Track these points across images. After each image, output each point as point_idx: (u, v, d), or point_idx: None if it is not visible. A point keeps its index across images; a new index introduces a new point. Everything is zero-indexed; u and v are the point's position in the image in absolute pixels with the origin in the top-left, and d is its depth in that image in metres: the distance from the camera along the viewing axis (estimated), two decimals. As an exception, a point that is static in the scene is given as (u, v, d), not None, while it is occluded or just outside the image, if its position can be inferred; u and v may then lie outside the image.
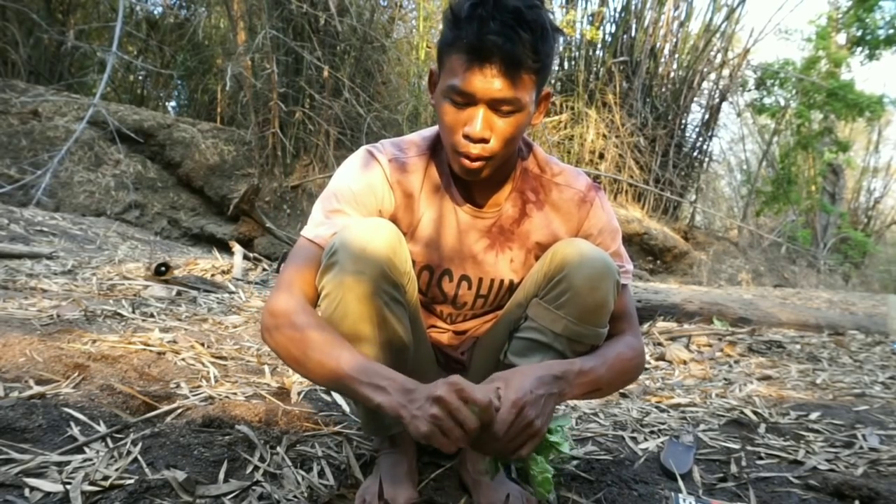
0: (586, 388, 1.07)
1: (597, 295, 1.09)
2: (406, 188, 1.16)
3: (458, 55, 1.00)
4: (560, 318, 1.11)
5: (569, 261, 1.11)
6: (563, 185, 1.19)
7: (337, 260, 1.02)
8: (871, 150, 14.54)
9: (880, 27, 11.20)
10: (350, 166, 1.17)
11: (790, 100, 11.72)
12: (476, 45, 0.97)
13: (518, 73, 0.99)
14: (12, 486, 1.03)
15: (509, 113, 1.02)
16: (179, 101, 11.61)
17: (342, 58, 7.69)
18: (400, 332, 1.08)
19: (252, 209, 5.83)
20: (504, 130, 1.03)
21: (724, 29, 9.55)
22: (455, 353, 1.31)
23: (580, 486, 1.27)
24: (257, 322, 2.66)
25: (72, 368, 1.61)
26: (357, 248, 1.02)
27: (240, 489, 1.10)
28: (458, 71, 1.00)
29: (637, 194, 9.15)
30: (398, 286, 1.07)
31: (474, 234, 1.19)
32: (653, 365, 2.83)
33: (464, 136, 1.03)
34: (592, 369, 1.07)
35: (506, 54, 0.97)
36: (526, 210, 1.19)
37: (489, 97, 1.00)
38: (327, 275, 1.04)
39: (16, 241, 3.96)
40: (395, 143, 1.20)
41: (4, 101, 7.23)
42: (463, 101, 1.02)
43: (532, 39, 0.98)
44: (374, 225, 1.06)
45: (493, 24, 0.95)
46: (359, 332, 1.05)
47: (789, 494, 1.32)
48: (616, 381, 1.15)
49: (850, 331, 3.80)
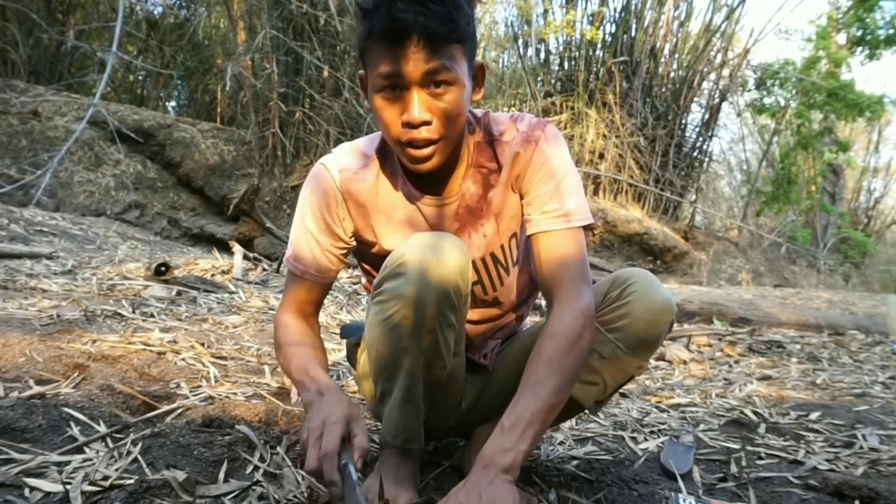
0: (544, 427, 1.01)
1: (654, 330, 1.10)
2: (357, 198, 1.15)
3: (376, 45, 0.98)
4: (609, 342, 1.12)
5: (634, 289, 1.11)
6: (510, 141, 1.14)
7: (404, 272, 1.00)
8: (871, 150, 14.57)
9: (880, 27, 11.21)
10: (309, 185, 1.18)
11: (790, 100, 11.73)
12: (389, 27, 0.95)
13: (438, 44, 0.96)
14: (12, 486, 1.03)
15: (443, 87, 0.99)
16: (179, 101, 11.63)
17: (342, 58, 7.69)
18: (444, 355, 1.07)
19: (252, 209, 5.83)
20: (443, 108, 1.00)
21: (724, 29, 9.56)
22: (476, 356, 1.29)
23: (580, 486, 1.27)
24: (257, 322, 2.66)
25: (72, 368, 1.61)
26: (426, 267, 1.00)
27: (240, 489, 1.10)
28: (379, 60, 0.98)
29: (637, 194, 9.15)
30: (456, 309, 1.05)
31: (444, 223, 1.17)
32: (653, 365, 2.83)
33: (404, 125, 1.01)
34: (541, 411, 0.99)
35: (421, 28, 0.94)
36: (489, 181, 1.16)
37: (417, 75, 0.97)
38: (390, 282, 1.02)
39: (16, 241, 3.97)
40: (348, 151, 1.18)
41: (4, 101, 7.23)
42: (393, 87, 0.99)
43: (443, 10, 0.95)
44: (446, 243, 1.03)
45: (400, 4, 0.94)
46: (404, 348, 1.04)
47: (789, 494, 1.32)
48: (573, 378, 1.05)
49: (850, 331, 3.81)
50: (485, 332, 1.28)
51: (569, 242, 1.11)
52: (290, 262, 1.19)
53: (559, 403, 1.02)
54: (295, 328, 1.18)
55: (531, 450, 0.99)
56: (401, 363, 1.05)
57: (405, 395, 1.08)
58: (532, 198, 1.13)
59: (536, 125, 1.14)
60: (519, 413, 0.99)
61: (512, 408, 1.00)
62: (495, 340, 1.31)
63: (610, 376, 1.15)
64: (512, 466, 0.96)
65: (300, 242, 1.17)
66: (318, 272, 1.17)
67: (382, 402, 1.14)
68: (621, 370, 1.15)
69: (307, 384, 1.05)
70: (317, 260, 1.17)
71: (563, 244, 1.11)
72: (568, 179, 1.13)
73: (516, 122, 1.15)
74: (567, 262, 1.09)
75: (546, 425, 1.02)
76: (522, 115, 1.17)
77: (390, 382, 1.09)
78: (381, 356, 1.07)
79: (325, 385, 1.03)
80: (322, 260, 1.17)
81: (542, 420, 1.00)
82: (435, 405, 1.19)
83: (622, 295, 1.12)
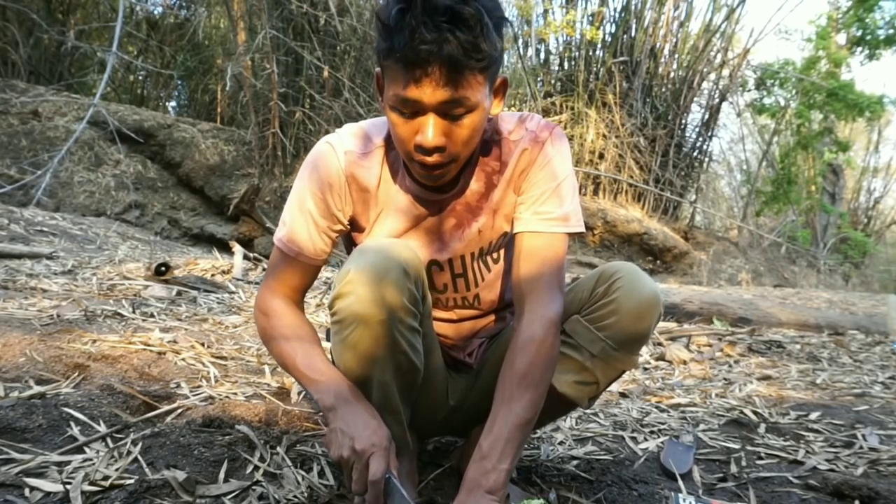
0: (522, 441, 1.03)
1: (642, 325, 1.10)
2: (361, 183, 1.13)
3: (395, 65, 0.94)
4: (599, 341, 1.12)
5: (620, 285, 1.10)
6: (517, 140, 1.13)
7: (352, 290, 0.99)
8: (871, 150, 14.56)
9: (880, 27, 11.22)
10: (310, 164, 1.14)
11: (790, 100, 11.73)
12: (411, 56, 0.90)
13: (461, 75, 0.92)
14: (12, 485, 1.03)
15: (461, 116, 0.97)
16: (179, 101, 11.63)
17: (342, 58, 7.69)
18: (412, 358, 1.07)
19: (252, 209, 5.84)
20: (460, 134, 0.98)
21: (723, 29, 9.56)
22: (461, 355, 1.29)
23: (580, 485, 1.28)
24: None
25: (72, 368, 1.61)
26: (372, 280, 0.98)
27: (240, 489, 1.10)
28: (398, 81, 0.94)
29: (637, 194, 9.15)
30: (414, 314, 1.04)
31: (438, 217, 1.16)
32: (653, 365, 2.83)
33: (416, 146, 0.98)
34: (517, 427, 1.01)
35: (444, 59, 0.90)
36: (493, 181, 1.15)
37: (435, 104, 0.94)
38: (341, 301, 1.00)
39: (16, 241, 3.97)
40: (354, 133, 1.14)
41: (5, 101, 7.23)
42: (410, 112, 0.97)
43: (470, 38, 0.90)
44: (390, 250, 1.02)
45: (424, 31, 0.88)
46: (369, 361, 1.03)
47: (789, 494, 1.32)
48: (545, 390, 1.06)
49: (850, 331, 3.81)
50: (468, 332, 1.28)
51: (553, 247, 1.11)
52: (283, 243, 1.14)
53: (534, 416, 1.04)
54: (290, 318, 1.13)
55: (513, 467, 1.01)
56: (371, 376, 1.05)
57: (382, 405, 1.07)
58: (527, 196, 1.13)
59: (545, 126, 1.14)
60: (496, 433, 1.00)
61: (489, 428, 1.02)
62: (480, 339, 1.30)
63: (602, 374, 1.15)
64: (496, 487, 0.97)
65: (297, 223, 1.13)
66: (313, 255, 1.14)
67: None
68: (613, 367, 1.15)
69: (323, 384, 1.04)
70: (313, 242, 1.13)
71: (547, 247, 1.11)
72: (567, 184, 1.13)
73: (524, 121, 1.15)
74: (546, 267, 1.09)
75: (524, 439, 1.03)
76: (532, 116, 1.16)
77: (366, 395, 1.08)
78: (351, 371, 1.05)
79: (345, 389, 1.03)
80: (318, 242, 1.14)
81: (520, 436, 1.01)
82: (419, 406, 1.19)
83: (609, 291, 1.12)
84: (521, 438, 1.01)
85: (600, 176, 8.88)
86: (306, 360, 1.08)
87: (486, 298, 1.24)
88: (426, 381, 1.16)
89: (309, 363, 1.07)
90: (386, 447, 0.97)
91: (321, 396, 1.03)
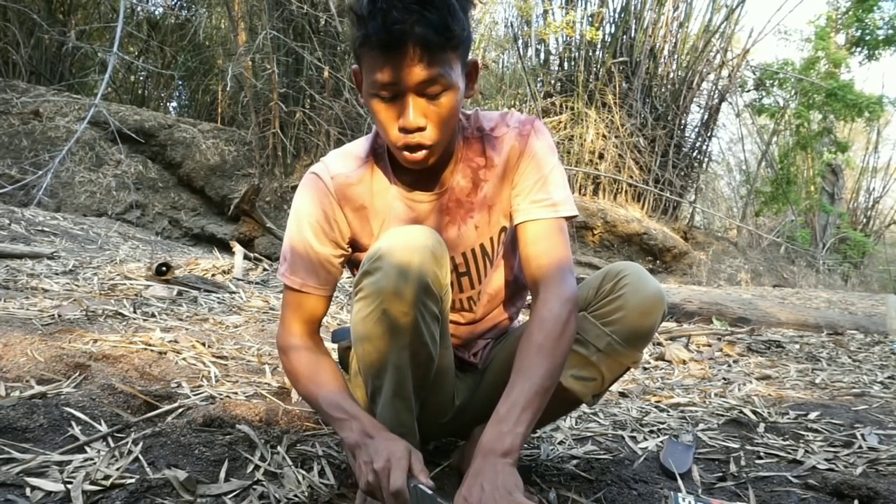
0: (538, 411, 1.03)
1: (647, 321, 1.13)
2: (355, 202, 1.16)
3: (371, 52, 0.98)
4: (605, 336, 1.14)
5: (627, 282, 1.13)
6: (502, 136, 1.18)
7: (380, 266, 1.01)
8: (871, 150, 14.52)
9: (880, 27, 11.22)
10: (302, 195, 1.17)
11: (789, 100, 11.73)
12: (385, 38, 0.95)
13: (434, 53, 0.97)
14: (13, 485, 1.03)
15: (438, 94, 1.01)
16: (180, 101, 11.64)
17: (342, 58, 7.70)
18: (430, 346, 1.08)
19: (253, 209, 5.84)
20: (438, 113, 1.02)
21: (723, 29, 9.56)
22: (466, 355, 1.30)
23: (580, 485, 1.28)
24: (258, 322, 2.66)
25: (73, 368, 1.62)
26: (401, 259, 1.01)
27: (240, 488, 1.11)
28: (375, 67, 0.99)
29: (637, 194, 9.16)
30: (438, 299, 1.06)
31: (434, 217, 1.18)
32: (652, 365, 2.83)
33: (399, 129, 1.02)
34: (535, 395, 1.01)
35: (417, 39, 0.95)
36: (479, 176, 1.18)
37: (412, 84, 0.98)
38: (368, 278, 1.03)
39: (17, 241, 3.97)
40: (338, 157, 1.19)
41: (6, 101, 7.24)
42: (389, 95, 1.01)
43: (439, 18, 0.95)
44: (420, 235, 1.05)
45: (395, 14, 0.93)
46: (389, 342, 1.05)
47: (788, 494, 1.32)
48: (562, 363, 1.07)
49: (850, 330, 3.81)
50: (472, 333, 1.30)
51: (555, 232, 1.15)
52: (286, 278, 1.16)
53: (550, 387, 1.05)
54: (307, 354, 1.16)
55: (528, 433, 1.01)
56: (387, 358, 1.06)
57: (395, 390, 1.08)
58: (521, 188, 1.17)
59: (526, 120, 1.20)
60: (514, 399, 1.01)
61: (506, 395, 1.03)
62: (485, 340, 1.32)
63: (607, 369, 1.18)
64: (511, 450, 0.97)
65: (296, 256, 1.16)
66: (317, 284, 1.16)
67: (374, 400, 1.14)
68: (618, 363, 1.17)
69: (346, 424, 1.05)
70: (315, 271, 1.16)
71: (550, 233, 1.15)
72: (555, 172, 1.18)
73: (505, 118, 1.20)
74: (553, 251, 1.13)
75: (540, 409, 1.03)
76: (511, 112, 1.21)
77: (379, 379, 1.09)
78: (368, 353, 1.07)
79: (369, 425, 1.04)
80: (321, 271, 1.16)
81: (537, 404, 1.02)
82: (427, 401, 1.19)
83: (615, 288, 1.15)
84: (538, 405, 1.02)
85: (600, 176, 8.89)
86: (328, 398, 1.09)
87: (489, 297, 1.26)
88: (436, 379, 1.17)
89: (331, 401, 1.08)
90: (401, 458, 0.97)
91: (346, 435, 1.04)
